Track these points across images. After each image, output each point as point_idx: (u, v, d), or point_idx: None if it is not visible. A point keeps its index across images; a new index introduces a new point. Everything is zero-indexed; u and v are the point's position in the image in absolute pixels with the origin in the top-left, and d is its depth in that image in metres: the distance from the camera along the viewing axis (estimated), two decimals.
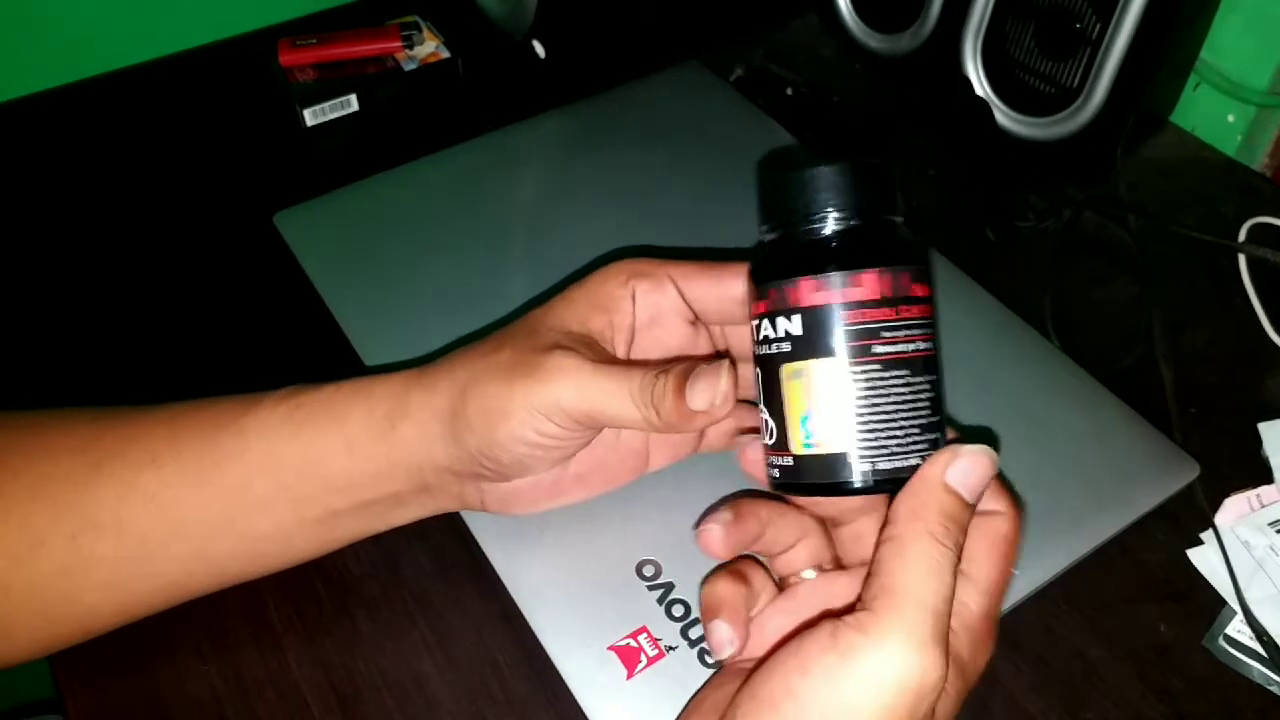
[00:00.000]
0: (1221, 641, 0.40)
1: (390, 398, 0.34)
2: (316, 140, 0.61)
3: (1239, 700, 0.38)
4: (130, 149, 0.60)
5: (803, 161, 0.30)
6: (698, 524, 0.32)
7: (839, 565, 0.34)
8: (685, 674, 0.35)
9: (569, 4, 0.63)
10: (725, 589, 0.32)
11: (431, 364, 0.35)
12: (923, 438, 0.28)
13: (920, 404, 0.28)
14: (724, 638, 0.31)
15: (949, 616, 0.26)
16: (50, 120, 0.62)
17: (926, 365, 0.29)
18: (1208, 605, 0.41)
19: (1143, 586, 0.41)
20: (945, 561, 0.27)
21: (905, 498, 0.28)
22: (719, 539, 0.32)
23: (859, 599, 0.27)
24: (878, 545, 0.28)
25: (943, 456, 0.28)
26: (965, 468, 0.28)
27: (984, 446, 0.28)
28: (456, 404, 0.33)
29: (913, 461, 0.28)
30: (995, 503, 0.30)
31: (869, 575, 0.27)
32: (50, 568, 0.34)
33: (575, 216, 0.52)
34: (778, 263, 0.29)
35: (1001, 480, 0.31)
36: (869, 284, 0.28)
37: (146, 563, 0.35)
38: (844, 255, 0.28)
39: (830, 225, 0.29)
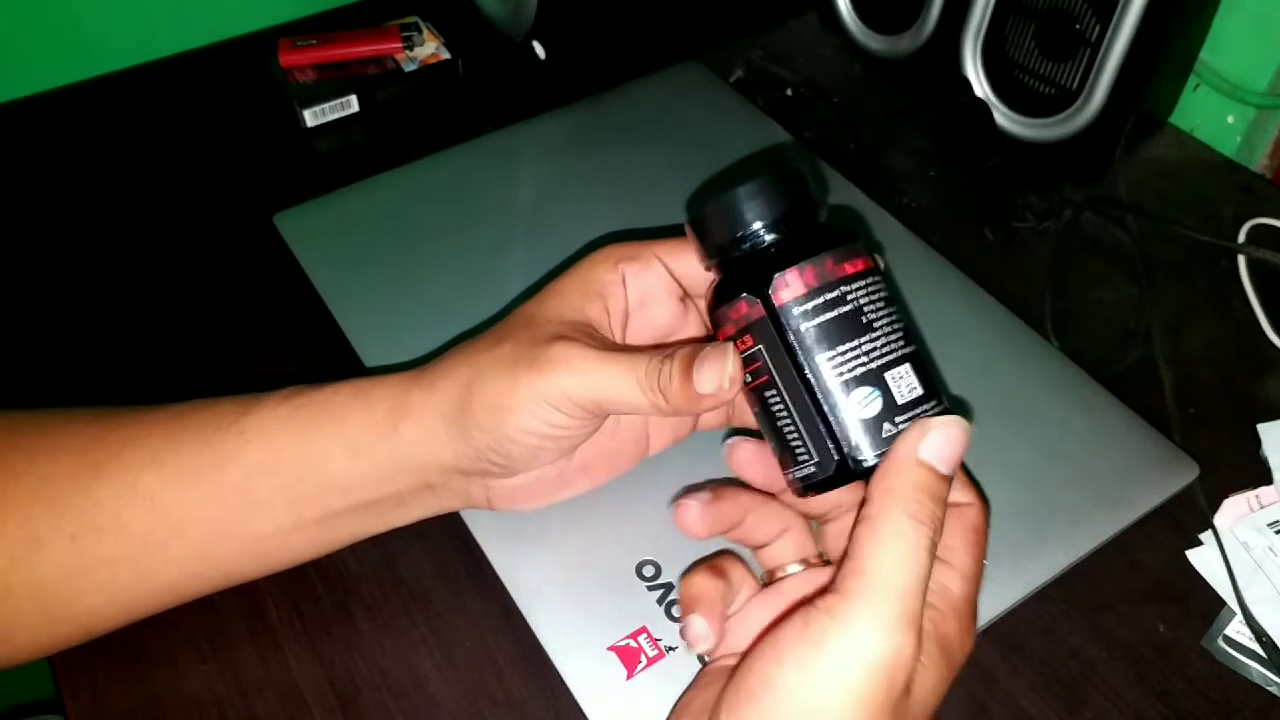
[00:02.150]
0: (1220, 642, 0.40)
1: (390, 398, 0.34)
2: (316, 141, 0.61)
3: (1238, 700, 0.38)
4: (131, 150, 0.60)
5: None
6: (674, 500, 0.32)
7: (824, 561, 0.34)
8: (685, 674, 0.35)
9: (569, 5, 0.63)
10: (703, 584, 0.32)
11: (430, 364, 0.35)
12: (805, 446, 0.29)
13: (775, 421, 0.30)
14: (699, 633, 0.31)
15: (922, 597, 0.26)
16: (51, 121, 0.62)
17: (768, 385, 0.30)
18: (1207, 606, 0.41)
19: (1142, 587, 0.41)
20: (921, 540, 0.27)
21: (880, 477, 0.28)
22: (695, 516, 0.32)
23: (832, 580, 0.27)
24: (854, 525, 0.28)
25: (913, 432, 0.28)
26: (938, 440, 0.27)
27: (956, 417, 0.28)
28: (461, 401, 0.33)
29: (808, 470, 0.30)
30: (963, 494, 0.31)
31: (844, 557, 0.27)
32: (51, 569, 0.34)
33: (575, 217, 0.52)
34: None
35: (966, 473, 0.31)
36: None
37: (147, 564, 0.35)
38: None
39: None
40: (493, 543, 0.39)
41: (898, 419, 0.28)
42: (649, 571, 0.38)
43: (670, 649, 0.36)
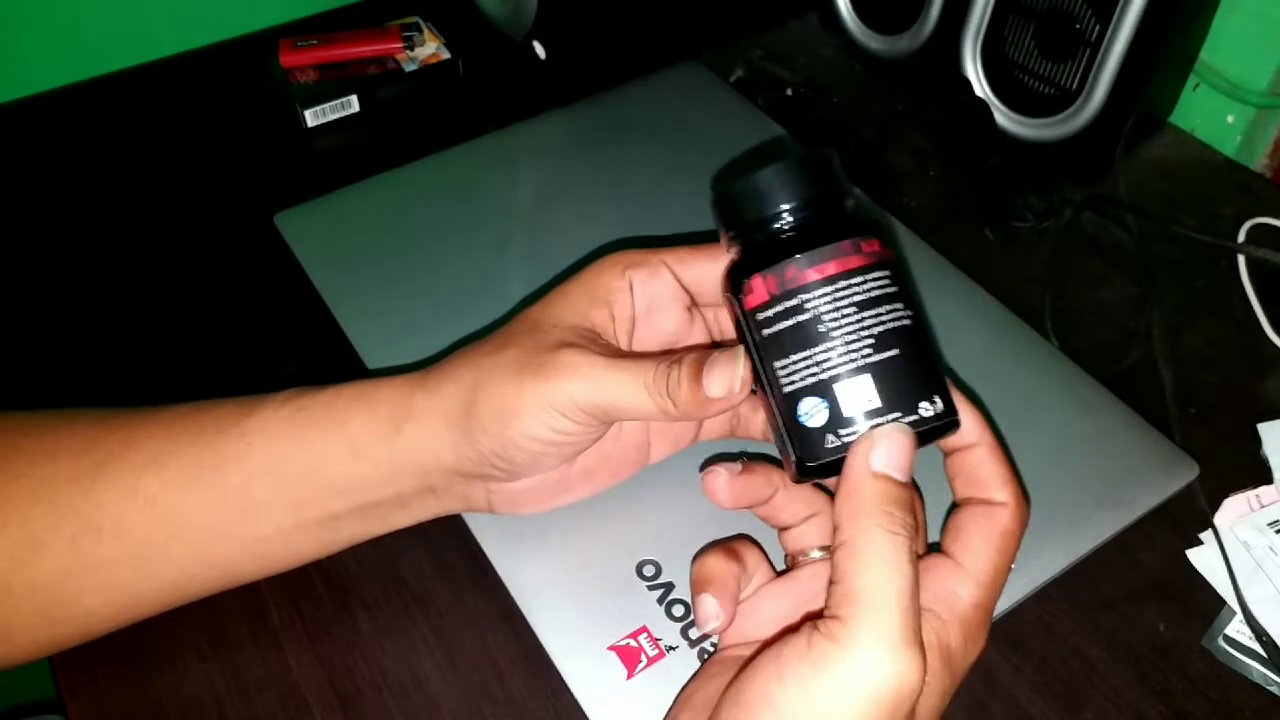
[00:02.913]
0: (1221, 641, 0.40)
1: (393, 400, 0.34)
2: (317, 141, 0.61)
3: (1238, 700, 0.38)
4: (132, 150, 0.60)
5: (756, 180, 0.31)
6: (703, 467, 0.32)
7: None
8: (685, 674, 0.35)
9: (569, 5, 0.63)
10: (715, 564, 0.32)
11: (433, 366, 0.35)
12: (780, 439, 0.30)
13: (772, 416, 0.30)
14: (709, 612, 0.31)
15: (917, 610, 0.26)
16: (52, 121, 0.62)
17: (755, 380, 0.30)
18: (1207, 605, 0.41)
19: (1142, 587, 0.41)
20: (899, 551, 0.26)
21: (841, 498, 0.27)
22: (723, 484, 0.32)
23: (826, 605, 0.27)
24: (832, 551, 0.27)
25: (861, 446, 0.27)
26: (886, 450, 0.27)
27: (899, 425, 0.28)
28: (466, 405, 0.33)
29: (785, 462, 0.30)
30: (1001, 494, 0.30)
31: (831, 582, 0.27)
32: (51, 570, 0.34)
33: (576, 217, 0.52)
34: None
35: (1012, 472, 0.30)
36: None
37: (147, 565, 0.35)
38: None
39: None
40: (493, 543, 0.39)
41: (843, 431, 0.28)
42: (649, 571, 0.38)
43: (670, 648, 0.36)
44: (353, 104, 0.61)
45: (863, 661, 0.25)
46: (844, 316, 0.28)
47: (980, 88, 0.60)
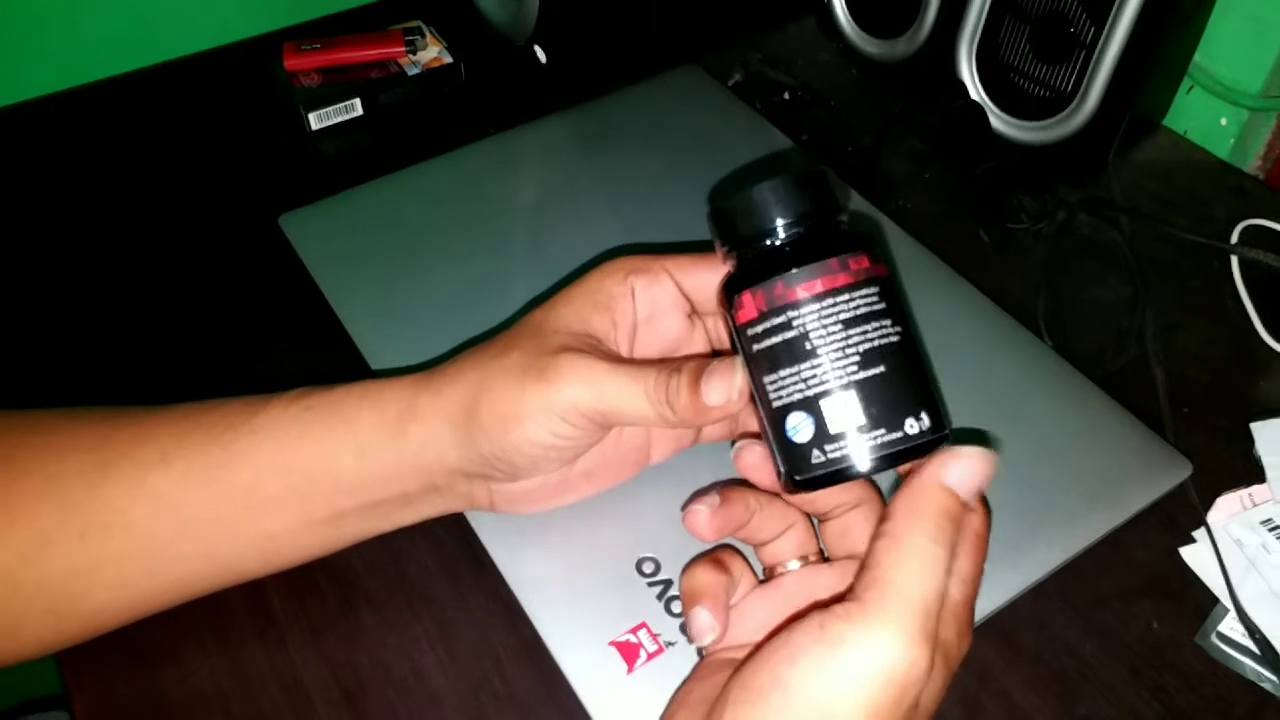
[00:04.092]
0: (1214, 639, 0.40)
1: (399, 400, 0.35)
2: (321, 144, 0.61)
3: (1231, 697, 0.39)
4: (136, 153, 0.61)
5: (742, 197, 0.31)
6: (685, 505, 0.33)
7: (823, 558, 0.35)
8: (685, 669, 0.36)
9: (570, 10, 0.63)
10: (706, 576, 0.32)
11: (438, 368, 0.35)
12: (774, 455, 0.30)
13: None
14: (705, 625, 0.31)
15: (938, 614, 0.27)
16: (56, 124, 0.63)
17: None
18: (1200, 603, 0.41)
19: (1136, 584, 0.42)
20: (938, 560, 0.27)
21: (904, 496, 0.28)
22: (705, 520, 0.32)
23: (850, 590, 0.28)
24: (874, 539, 0.28)
25: (943, 458, 0.28)
26: (965, 469, 0.28)
27: (984, 449, 0.29)
28: (468, 408, 0.33)
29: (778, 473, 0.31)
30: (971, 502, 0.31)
31: (862, 568, 0.28)
32: (59, 566, 0.34)
33: (576, 219, 0.52)
34: None
35: None
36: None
37: (154, 561, 0.35)
38: None
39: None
40: (495, 540, 0.40)
41: (829, 447, 0.28)
42: (649, 568, 0.39)
43: (670, 644, 0.37)
44: (356, 107, 0.62)
45: (878, 643, 0.26)
46: (831, 333, 0.29)
47: (975, 91, 0.61)
